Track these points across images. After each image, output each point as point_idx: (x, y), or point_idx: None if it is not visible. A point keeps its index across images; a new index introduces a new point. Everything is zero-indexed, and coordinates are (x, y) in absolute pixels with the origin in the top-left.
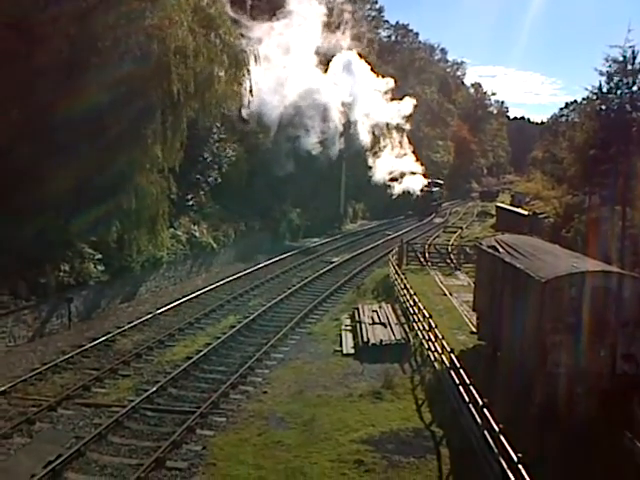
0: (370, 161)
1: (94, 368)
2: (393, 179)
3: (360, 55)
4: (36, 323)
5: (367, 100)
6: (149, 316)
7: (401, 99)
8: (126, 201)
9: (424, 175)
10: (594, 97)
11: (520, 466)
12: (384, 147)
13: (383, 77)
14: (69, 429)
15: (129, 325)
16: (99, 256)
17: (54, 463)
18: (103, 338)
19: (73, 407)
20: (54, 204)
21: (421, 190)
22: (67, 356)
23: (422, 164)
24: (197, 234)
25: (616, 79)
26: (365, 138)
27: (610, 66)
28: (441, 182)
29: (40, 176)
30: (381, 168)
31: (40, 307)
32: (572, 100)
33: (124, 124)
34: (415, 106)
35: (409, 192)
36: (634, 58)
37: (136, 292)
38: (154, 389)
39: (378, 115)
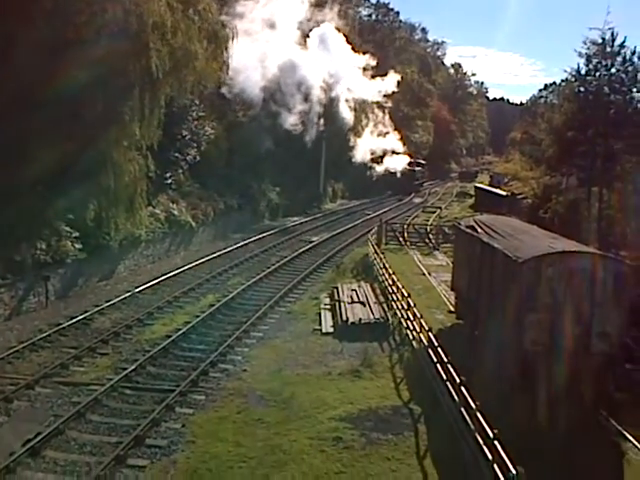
0: (352, 140)
1: (72, 347)
2: (376, 158)
3: (342, 32)
4: (13, 301)
5: (349, 76)
6: (127, 294)
7: (383, 76)
8: (104, 179)
9: (408, 155)
10: (573, 79)
11: (496, 442)
12: (366, 125)
13: (364, 54)
14: (47, 407)
15: (107, 304)
16: (76, 234)
17: (33, 441)
18: (81, 317)
19: (51, 385)
20: (31, 182)
21: (404, 169)
22: (44, 334)
23: (404, 143)
24: (176, 212)
25: (595, 61)
26: (347, 115)
27: (589, 48)
28: (423, 162)
29: (16, 155)
30: (364, 146)
31: (17, 285)
32: (551, 82)
33: (101, 101)
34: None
35: (390, 172)
36: (613, 40)
37: (114, 270)
38: (133, 367)
39: (361, 91)
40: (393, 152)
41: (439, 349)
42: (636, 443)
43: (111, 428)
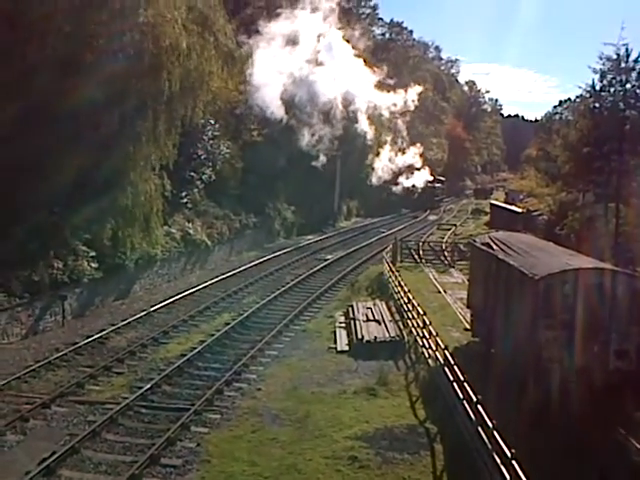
0: (370, 157)
1: (88, 365)
2: (397, 174)
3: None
4: (30, 320)
5: (365, 90)
6: (143, 313)
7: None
8: (120, 198)
9: (429, 170)
10: (588, 95)
11: (513, 462)
12: (385, 142)
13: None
14: (63, 426)
15: (123, 322)
16: (93, 253)
17: (48, 460)
18: (97, 335)
19: (67, 404)
20: (48, 202)
21: (424, 186)
22: (61, 353)
23: (423, 160)
24: (191, 231)
25: (609, 77)
26: (365, 130)
27: (604, 64)
28: (443, 179)
29: (34, 174)
30: (384, 162)
31: (33, 304)
32: (566, 98)
33: (118, 122)
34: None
35: (408, 189)
36: (627, 56)
37: (130, 289)
38: (148, 386)
39: (379, 103)
40: (414, 168)
41: (455, 367)
42: None
43: (126, 447)
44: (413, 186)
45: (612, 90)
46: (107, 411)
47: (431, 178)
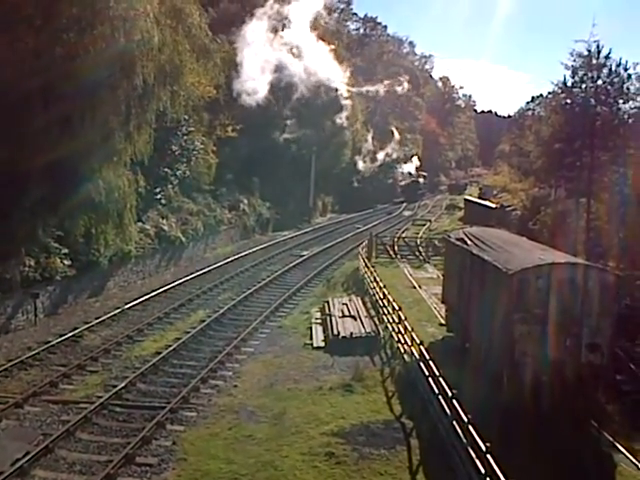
0: (346, 152)
1: (61, 364)
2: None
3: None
4: (1, 319)
5: (338, 80)
6: (117, 311)
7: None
8: (93, 195)
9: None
10: (559, 91)
11: (488, 456)
12: (363, 137)
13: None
14: (36, 426)
15: (97, 320)
16: (65, 251)
17: (22, 461)
18: (70, 334)
19: (40, 404)
20: (19, 198)
21: (409, 180)
22: (33, 352)
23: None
24: (166, 228)
25: (581, 73)
26: (342, 121)
27: (575, 60)
28: (425, 174)
29: (3, 170)
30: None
31: (5, 303)
32: (538, 94)
33: (90, 117)
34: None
35: (388, 182)
36: (599, 52)
37: (104, 287)
38: (123, 385)
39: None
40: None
41: (430, 362)
42: (628, 454)
43: (101, 446)
44: (410, 174)
45: (583, 86)
46: (81, 410)
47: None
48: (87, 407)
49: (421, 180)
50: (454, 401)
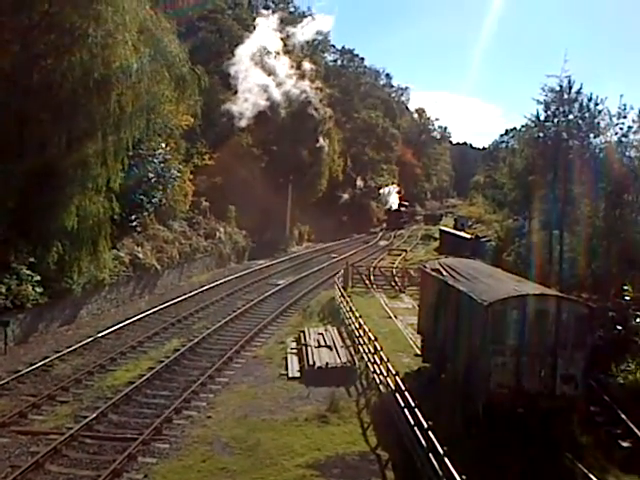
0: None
1: (31, 394)
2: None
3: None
4: None
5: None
6: (90, 340)
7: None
8: (67, 221)
9: (398, 193)
10: (532, 125)
11: None
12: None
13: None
14: (4, 457)
15: (68, 349)
16: (38, 278)
17: None
18: (41, 363)
19: (8, 435)
20: None
21: (392, 209)
22: (2, 382)
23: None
24: (140, 255)
25: (553, 107)
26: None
27: (547, 95)
28: (407, 204)
29: None
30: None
31: None
32: (512, 127)
33: (65, 144)
34: (361, 130)
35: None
36: (570, 87)
37: (76, 315)
38: (94, 415)
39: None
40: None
41: (406, 393)
42: None
43: (70, 479)
44: (393, 204)
45: (555, 120)
46: (51, 442)
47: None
48: (57, 438)
49: (403, 209)
50: (429, 433)
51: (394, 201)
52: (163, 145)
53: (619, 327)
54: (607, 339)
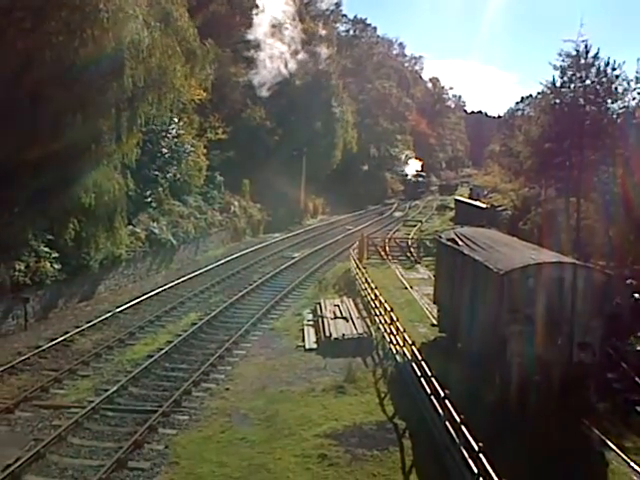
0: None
1: (52, 369)
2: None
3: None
4: None
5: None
6: (108, 315)
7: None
8: (83, 198)
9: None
10: (548, 91)
11: (481, 455)
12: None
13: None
14: (27, 431)
15: (88, 324)
16: (56, 254)
17: (13, 466)
18: (61, 338)
19: (31, 409)
20: (8, 202)
21: (410, 179)
22: (24, 357)
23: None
24: (156, 231)
25: (569, 73)
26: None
27: (564, 60)
28: (424, 174)
29: None
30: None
31: None
32: (528, 94)
33: (80, 121)
34: (374, 101)
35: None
36: (587, 52)
37: (95, 291)
38: (114, 389)
39: None
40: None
41: (423, 363)
42: (619, 452)
43: (93, 451)
44: (412, 174)
45: (572, 86)
46: (73, 415)
47: (419, 169)
48: (78, 412)
49: (421, 179)
50: (446, 401)
51: (415, 169)
52: (176, 120)
53: (637, 294)
54: (624, 306)
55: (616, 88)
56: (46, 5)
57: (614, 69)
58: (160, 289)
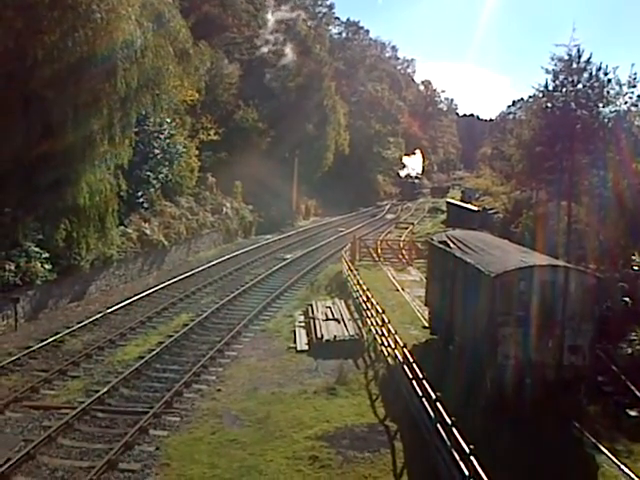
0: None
1: (42, 370)
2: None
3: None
4: None
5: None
6: (99, 315)
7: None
8: (75, 198)
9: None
10: (540, 95)
11: (472, 458)
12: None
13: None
14: (17, 432)
15: (78, 325)
16: (46, 255)
17: (3, 467)
18: (51, 339)
19: (21, 410)
20: None
21: (405, 180)
22: (14, 358)
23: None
24: (148, 232)
25: (561, 77)
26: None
27: (556, 64)
28: (420, 176)
29: None
30: None
31: None
32: (519, 98)
33: (71, 121)
34: (367, 103)
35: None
36: (579, 57)
37: (86, 291)
38: (105, 390)
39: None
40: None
41: (414, 365)
42: (610, 455)
43: (83, 452)
44: (409, 175)
45: (564, 90)
46: (63, 416)
47: (420, 169)
48: (69, 413)
49: (417, 181)
50: (437, 404)
51: (416, 169)
52: (168, 121)
53: (627, 298)
54: (615, 310)
55: (607, 92)
56: (38, 4)
57: (606, 73)
58: (151, 290)
